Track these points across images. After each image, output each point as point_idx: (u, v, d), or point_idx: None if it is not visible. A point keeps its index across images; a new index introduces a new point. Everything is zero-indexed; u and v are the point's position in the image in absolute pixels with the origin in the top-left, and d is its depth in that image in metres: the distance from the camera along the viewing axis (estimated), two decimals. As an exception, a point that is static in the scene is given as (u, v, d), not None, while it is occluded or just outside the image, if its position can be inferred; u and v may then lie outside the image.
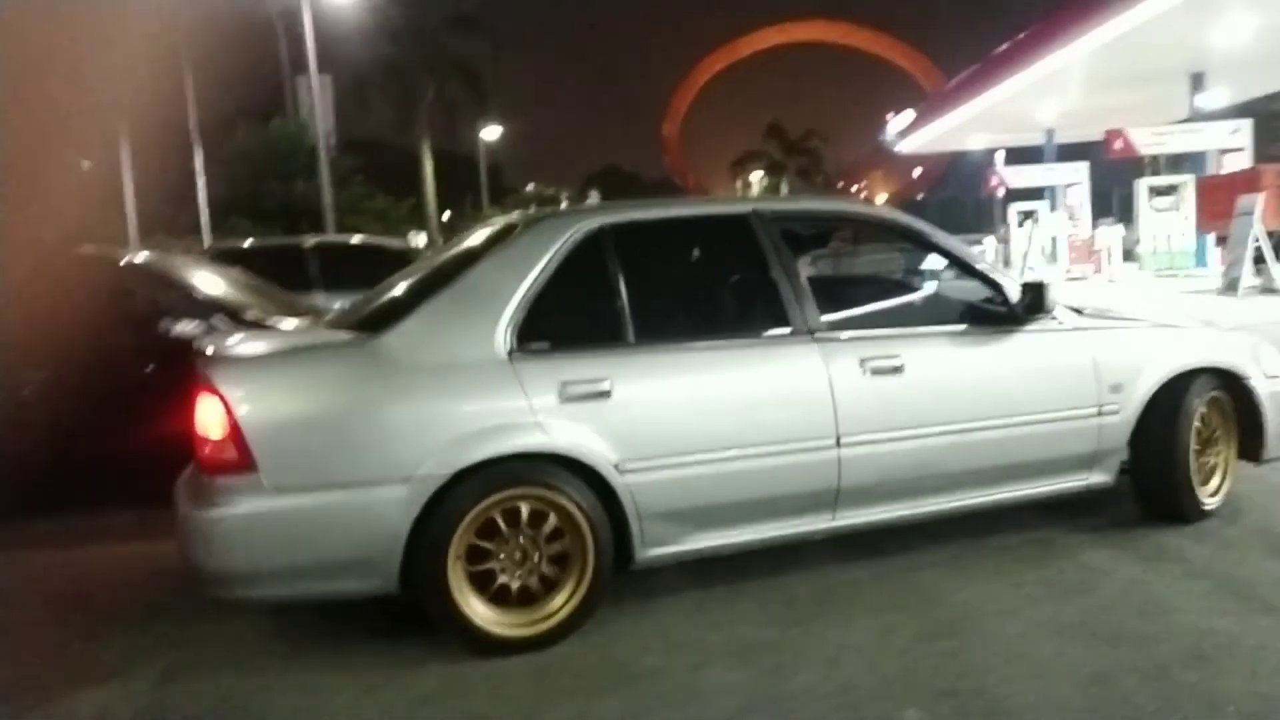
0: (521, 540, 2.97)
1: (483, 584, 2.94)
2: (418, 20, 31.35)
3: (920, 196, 59.38)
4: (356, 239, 11.34)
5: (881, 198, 73.38)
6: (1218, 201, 17.45)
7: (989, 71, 27.75)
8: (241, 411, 2.74)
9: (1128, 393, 3.65)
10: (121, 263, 5.45)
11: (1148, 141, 23.22)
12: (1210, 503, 3.89)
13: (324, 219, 16.03)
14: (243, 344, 3.28)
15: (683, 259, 3.75)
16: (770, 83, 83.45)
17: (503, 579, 2.96)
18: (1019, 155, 33.99)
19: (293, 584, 2.87)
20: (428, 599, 2.89)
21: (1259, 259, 15.22)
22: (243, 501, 2.74)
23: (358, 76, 30.62)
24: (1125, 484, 4.17)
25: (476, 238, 3.67)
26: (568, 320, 3.12)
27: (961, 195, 50.12)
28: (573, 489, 2.95)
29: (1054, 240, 28.90)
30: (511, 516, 2.95)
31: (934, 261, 3.92)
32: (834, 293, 3.62)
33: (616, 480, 2.99)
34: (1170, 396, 3.70)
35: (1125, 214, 27.95)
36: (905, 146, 36.99)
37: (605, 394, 2.99)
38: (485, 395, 2.92)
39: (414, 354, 2.92)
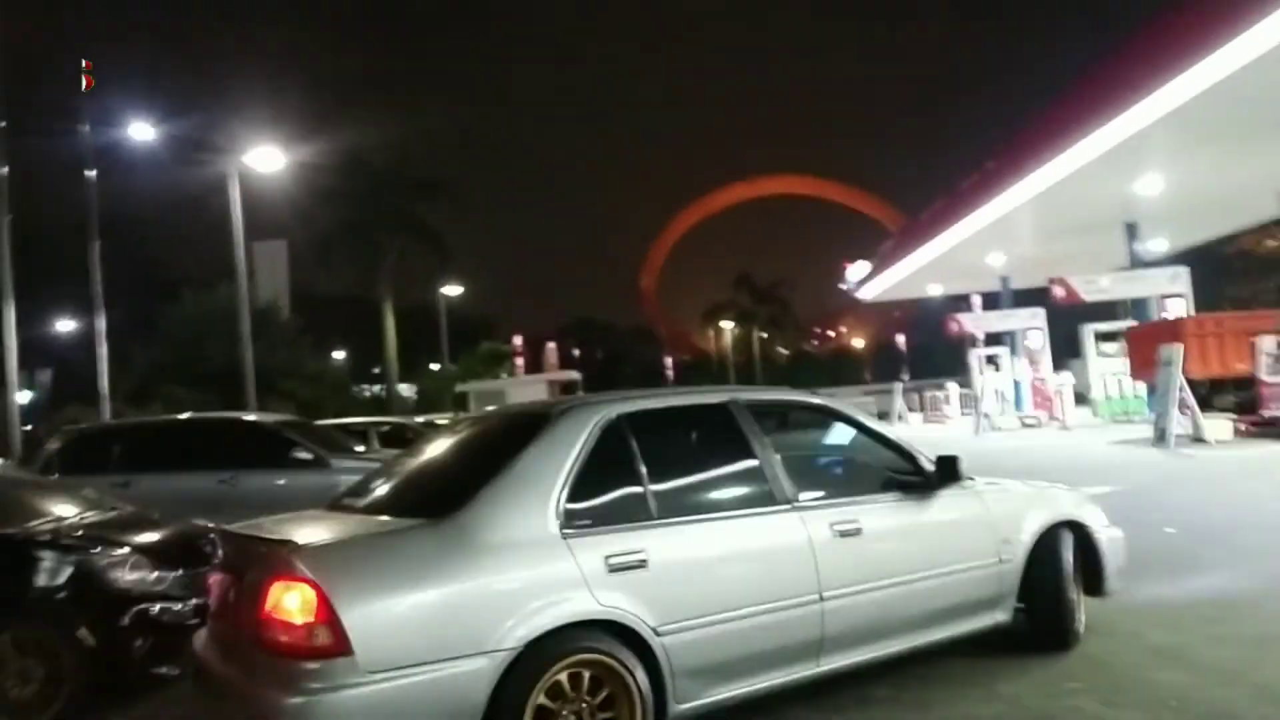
0: (581, 703, 3.15)
1: None
2: (382, 184, 32.27)
3: (902, 340, 59.84)
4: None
5: (860, 342, 74.36)
6: (1144, 351, 17.37)
7: (927, 225, 28.45)
8: (338, 597, 2.81)
9: (1014, 545, 4.34)
10: None
11: (1087, 288, 23.50)
12: (1079, 628, 4.55)
13: (246, 384, 15.81)
14: (315, 533, 3.36)
15: (684, 441, 4.05)
16: (743, 234, 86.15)
17: None
18: (990, 301, 34.34)
19: None
20: None
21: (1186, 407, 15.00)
22: (340, 684, 2.78)
23: (318, 236, 31.30)
24: None
25: (489, 423, 4.37)
26: (602, 498, 3.42)
27: (933, 340, 50.62)
28: (623, 652, 3.20)
29: (1017, 385, 28.89)
30: (571, 681, 3.14)
31: (867, 440, 4.42)
32: (799, 467, 4.06)
33: (655, 641, 3.25)
34: (1046, 545, 4.41)
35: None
36: (865, 294, 37.57)
37: (643, 564, 3.28)
38: (548, 570, 3.16)
39: (484, 535, 3.14)
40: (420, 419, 17.23)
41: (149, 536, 5.54)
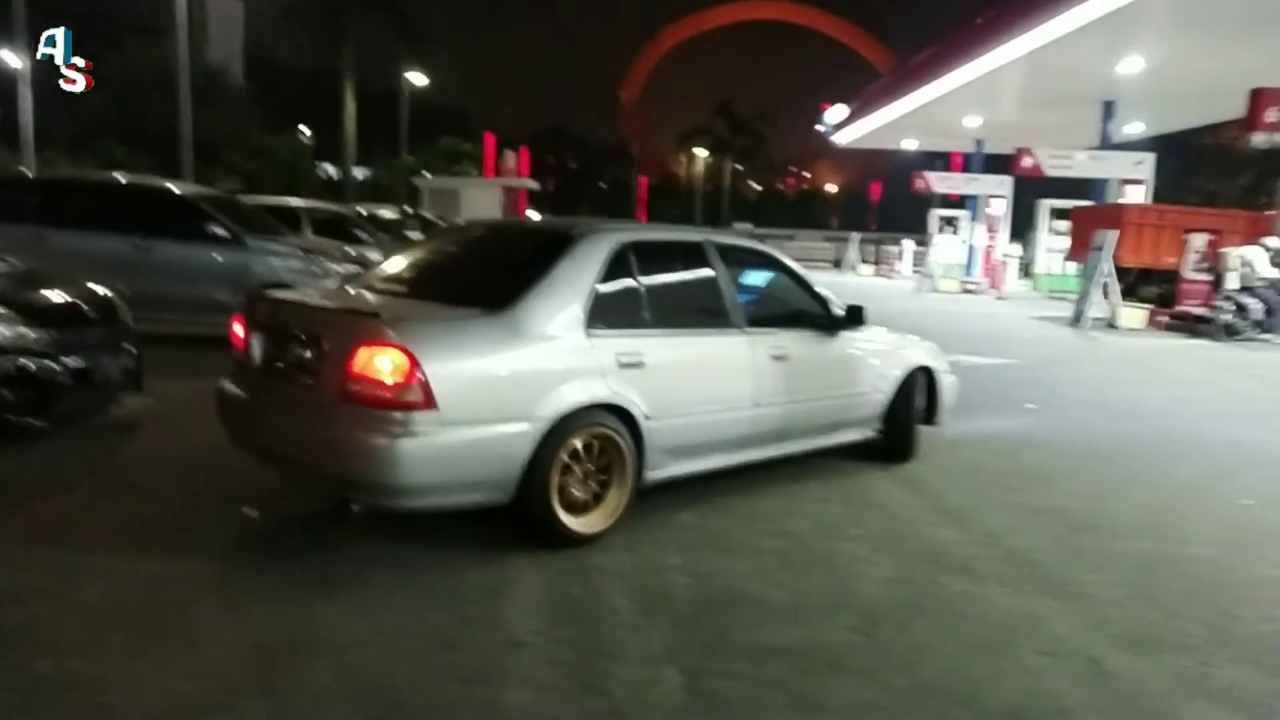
0: (587, 464, 4.01)
1: (564, 496, 3.94)
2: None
3: (880, 189, 58.97)
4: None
5: (833, 188, 73.53)
6: (1085, 232, 17.55)
7: (914, 74, 27.64)
8: (427, 363, 3.49)
9: (886, 380, 5.55)
10: None
11: (1052, 162, 23.36)
12: (916, 446, 5.82)
13: (183, 150, 15.33)
14: (392, 309, 4.02)
15: (670, 269, 4.74)
16: (732, 59, 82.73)
17: (577, 492, 3.99)
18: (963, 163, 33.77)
19: (447, 496, 3.71)
20: (533, 508, 3.84)
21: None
22: (427, 432, 3.50)
23: (280, 3, 29.47)
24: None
25: (509, 232, 5.54)
26: (614, 308, 4.15)
27: (903, 194, 50.25)
28: (621, 429, 4.06)
29: (971, 249, 29.03)
30: (585, 446, 3.98)
31: (798, 287, 5.33)
32: (749, 301, 4.97)
33: (644, 424, 4.13)
34: (905, 383, 5.64)
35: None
36: (840, 139, 36.81)
37: (643, 364, 4.12)
38: (577, 361, 3.94)
39: (534, 327, 3.87)
40: (361, 209, 16.98)
41: (35, 294, 5.67)
